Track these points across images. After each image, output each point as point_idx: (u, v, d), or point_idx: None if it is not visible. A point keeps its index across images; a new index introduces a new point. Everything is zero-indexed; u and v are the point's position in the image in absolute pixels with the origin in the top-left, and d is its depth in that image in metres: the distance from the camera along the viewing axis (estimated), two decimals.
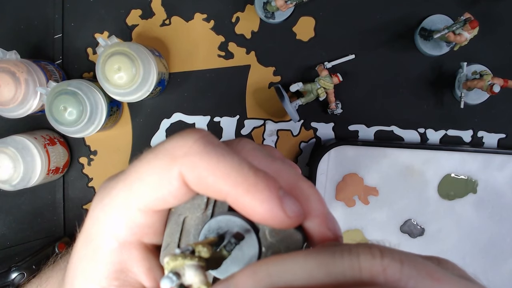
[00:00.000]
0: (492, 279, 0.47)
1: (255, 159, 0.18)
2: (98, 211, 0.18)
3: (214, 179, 0.16)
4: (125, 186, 0.18)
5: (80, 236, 0.19)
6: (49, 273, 0.34)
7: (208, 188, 0.17)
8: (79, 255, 0.19)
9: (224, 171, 0.16)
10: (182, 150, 0.17)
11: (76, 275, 0.19)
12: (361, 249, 0.14)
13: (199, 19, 0.47)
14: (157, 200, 0.17)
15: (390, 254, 0.14)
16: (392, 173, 0.46)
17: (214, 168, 0.16)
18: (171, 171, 0.17)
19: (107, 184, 0.19)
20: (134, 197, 0.18)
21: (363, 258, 0.14)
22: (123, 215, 0.18)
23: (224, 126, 0.48)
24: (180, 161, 0.17)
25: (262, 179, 0.17)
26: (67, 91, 0.40)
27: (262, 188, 0.16)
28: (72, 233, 0.49)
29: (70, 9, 0.47)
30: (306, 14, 0.46)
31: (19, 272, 0.39)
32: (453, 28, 0.41)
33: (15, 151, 0.40)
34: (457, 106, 0.45)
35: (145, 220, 0.18)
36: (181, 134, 0.17)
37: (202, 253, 0.16)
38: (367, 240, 0.47)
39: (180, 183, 0.17)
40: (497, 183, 0.46)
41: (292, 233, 0.18)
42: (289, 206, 0.17)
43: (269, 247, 0.18)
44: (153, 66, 0.41)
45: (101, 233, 0.18)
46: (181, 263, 0.15)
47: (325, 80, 0.44)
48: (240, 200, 0.16)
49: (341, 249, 0.15)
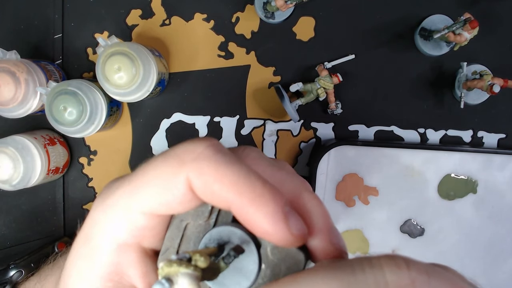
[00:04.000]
0: (492, 279, 0.47)
1: (259, 167, 0.18)
2: (99, 211, 0.18)
3: (220, 187, 0.16)
4: (130, 187, 0.18)
5: (80, 235, 0.19)
6: (48, 271, 0.34)
7: (213, 196, 0.16)
8: (76, 253, 0.19)
9: (231, 179, 0.16)
10: (191, 155, 0.17)
11: (71, 273, 0.19)
12: (383, 260, 0.14)
13: (199, 19, 0.47)
14: (162, 204, 0.17)
15: (416, 265, 0.13)
16: (392, 173, 0.46)
17: (221, 175, 0.16)
18: (178, 175, 0.17)
19: (112, 185, 0.19)
20: (138, 199, 0.17)
21: (388, 271, 0.13)
22: (124, 217, 0.18)
23: (224, 126, 0.48)
24: (188, 166, 0.17)
25: (269, 191, 0.16)
26: (67, 91, 0.40)
27: (267, 200, 0.16)
28: (72, 233, 0.49)
29: (70, 9, 0.47)
30: (306, 14, 0.46)
31: (17, 270, 0.39)
32: (453, 28, 0.41)
33: (15, 151, 0.40)
34: (457, 106, 0.45)
35: (147, 223, 0.18)
36: (192, 140, 0.17)
37: (199, 262, 0.15)
38: (367, 240, 0.47)
39: (186, 189, 0.17)
40: (497, 183, 0.46)
41: (294, 253, 0.17)
42: (294, 224, 0.16)
43: (269, 265, 0.17)
44: (153, 66, 0.41)
45: (100, 233, 0.18)
46: (175, 270, 0.15)
47: (325, 80, 0.44)
48: (244, 210, 0.16)
49: (361, 264, 0.14)
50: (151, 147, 0.48)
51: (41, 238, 0.48)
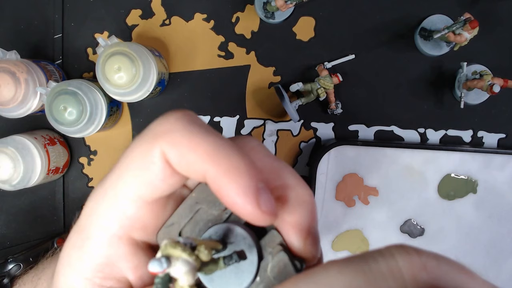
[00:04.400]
0: (492, 279, 0.47)
1: (256, 155, 0.18)
2: (92, 203, 0.18)
3: (195, 157, 0.16)
4: (115, 175, 0.18)
5: (75, 227, 0.19)
6: (46, 264, 0.34)
7: (189, 167, 0.16)
8: (69, 244, 0.19)
9: (206, 149, 0.16)
10: (164, 127, 0.16)
11: (63, 263, 0.19)
12: (394, 249, 0.14)
13: (199, 19, 0.47)
14: (145, 185, 0.17)
15: (425, 251, 0.14)
16: (392, 173, 0.46)
17: (195, 145, 0.16)
18: (153, 150, 0.16)
19: (104, 176, 0.19)
20: (123, 186, 0.17)
21: (399, 258, 0.14)
22: (113, 206, 0.17)
23: (224, 126, 0.48)
24: (161, 138, 0.16)
25: (245, 164, 0.16)
26: (67, 91, 0.40)
27: (242, 173, 0.16)
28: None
29: (70, 9, 0.47)
30: (306, 14, 0.46)
31: (15, 263, 0.39)
32: (453, 28, 0.41)
33: (15, 151, 0.40)
34: (457, 106, 0.45)
35: (136, 212, 0.18)
36: (165, 114, 0.17)
37: (201, 255, 0.15)
38: (367, 240, 0.47)
39: (163, 163, 0.16)
40: (497, 183, 0.46)
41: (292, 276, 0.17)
42: (264, 201, 0.16)
43: (263, 279, 0.17)
44: (153, 66, 0.41)
45: (92, 224, 0.18)
46: (178, 254, 0.15)
47: (325, 80, 0.44)
48: (217, 181, 0.16)
49: (372, 255, 0.14)
50: None
51: (41, 238, 0.48)
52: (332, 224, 0.46)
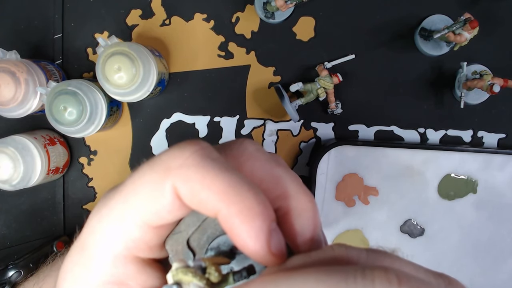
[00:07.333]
0: (492, 279, 0.47)
1: (255, 163, 0.18)
2: (95, 221, 0.18)
3: (208, 195, 0.16)
4: (121, 198, 0.17)
5: (76, 243, 0.19)
6: (47, 271, 0.34)
7: (201, 204, 0.16)
8: (72, 260, 0.19)
9: (220, 187, 0.15)
10: (177, 161, 0.16)
11: (66, 278, 0.19)
12: (376, 273, 0.14)
13: (199, 19, 0.47)
14: (152, 214, 0.17)
15: (407, 281, 0.13)
16: (392, 173, 0.46)
17: (209, 183, 0.16)
18: (164, 183, 0.16)
19: (107, 195, 0.18)
20: (129, 210, 0.17)
21: (378, 284, 0.13)
22: (119, 228, 0.17)
23: (224, 126, 0.48)
24: (174, 173, 0.16)
25: (258, 204, 0.16)
26: (67, 91, 0.40)
27: (255, 215, 0.15)
28: (72, 233, 0.49)
29: (70, 9, 0.47)
30: (306, 14, 0.46)
31: (16, 270, 0.39)
32: (453, 28, 0.41)
33: (15, 151, 0.40)
34: (457, 106, 0.45)
35: (141, 236, 0.17)
36: (179, 145, 0.17)
37: (212, 277, 0.15)
38: (367, 240, 0.47)
39: (173, 197, 0.16)
40: (497, 183, 0.46)
41: None
42: (275, 244, 0.16)
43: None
44: (153, 66, 0.41)
45: (96, 244, 0.18)
46: (189, 280, 0.15)
47: (325, 80, 0.44)
48: (229, 221, 0.16)
49: (354, 272, 0.14)
50: (151, 147, 0.48)
51: (41, 238, 0.48)
52: (332, 224, 0.46)
